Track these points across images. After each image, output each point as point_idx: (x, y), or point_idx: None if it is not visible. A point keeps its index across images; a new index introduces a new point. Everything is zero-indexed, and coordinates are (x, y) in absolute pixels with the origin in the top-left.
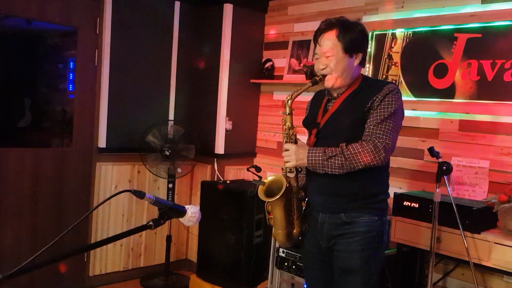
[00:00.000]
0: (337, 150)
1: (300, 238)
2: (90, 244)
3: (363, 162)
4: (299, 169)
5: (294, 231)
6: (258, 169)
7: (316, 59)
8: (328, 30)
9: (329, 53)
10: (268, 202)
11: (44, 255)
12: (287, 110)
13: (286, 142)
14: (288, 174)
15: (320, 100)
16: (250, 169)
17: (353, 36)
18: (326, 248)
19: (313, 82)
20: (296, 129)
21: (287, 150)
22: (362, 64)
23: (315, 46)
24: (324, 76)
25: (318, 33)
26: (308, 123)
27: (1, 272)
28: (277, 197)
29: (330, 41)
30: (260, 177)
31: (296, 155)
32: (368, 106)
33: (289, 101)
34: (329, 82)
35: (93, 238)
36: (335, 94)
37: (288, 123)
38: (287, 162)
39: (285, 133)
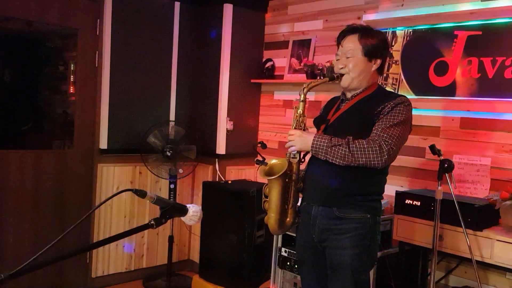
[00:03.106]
0: (344, 141)
1: (290, 228)
2: (92, 243)
3: (364, 159)
4: (303, 158)
5: (287, 219)
6: (264, 145)
7: (337, 59)
8: (351, 33)
9: (349, 54)
10: (266, 184)
11: (46, 255)
12: (301, 97)
13: (295, 128)
14: (291, 160)
15: (334, 102)
16: (255, 147)
17: (374, 42)
18: (318, 242)
19: (330, 77)
20: (306, 117)
21: (291, 135)
22: (380, 71)
23: (338, 48)
24: (342, 75)
25: (341, 35)
26: (318, 121)
27: (3, 272)
28: (277, 175)
29: (351, 43)
30: (264, 158)
31: (300, 139)
32: (378, 110)
33: (305, 89)
34: (345, 82)
35: (95, 240)
36: (349, 96)
37: (300, 110)
38: (290, 146)
39: (295, 120)
